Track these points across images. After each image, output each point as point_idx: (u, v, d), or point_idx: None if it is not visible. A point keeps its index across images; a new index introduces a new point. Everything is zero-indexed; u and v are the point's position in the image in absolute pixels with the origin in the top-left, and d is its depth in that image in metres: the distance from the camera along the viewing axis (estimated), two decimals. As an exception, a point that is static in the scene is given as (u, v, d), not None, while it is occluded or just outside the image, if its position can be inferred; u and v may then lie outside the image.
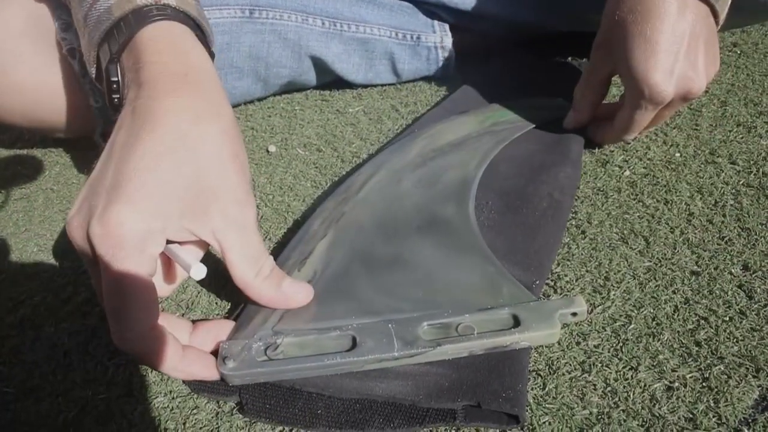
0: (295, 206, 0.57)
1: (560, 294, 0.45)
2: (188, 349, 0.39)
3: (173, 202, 0.37)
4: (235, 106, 0.76)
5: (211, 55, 0.47)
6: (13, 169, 0.72)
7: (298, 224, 0.54)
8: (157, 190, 0.36)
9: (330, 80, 0.78)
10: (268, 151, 0.67)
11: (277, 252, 0.51)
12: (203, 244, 0.41)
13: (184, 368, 0.38)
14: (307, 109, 0.75)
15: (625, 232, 0.50)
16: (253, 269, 0.40)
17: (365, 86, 0.78)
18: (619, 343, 0.41)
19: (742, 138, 0.60)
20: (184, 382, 0.41)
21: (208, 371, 0.39)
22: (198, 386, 0.40)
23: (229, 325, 0.42)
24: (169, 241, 0.38)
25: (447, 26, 0.78)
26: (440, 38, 0.77)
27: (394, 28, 0.76)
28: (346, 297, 0.43)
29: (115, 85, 0.44)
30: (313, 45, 0.73)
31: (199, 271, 0.38)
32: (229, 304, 0.47)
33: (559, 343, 0.41)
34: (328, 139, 0.68)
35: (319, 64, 0.75)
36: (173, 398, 0.40)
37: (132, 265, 0.35)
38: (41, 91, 0.61)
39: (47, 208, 0.63)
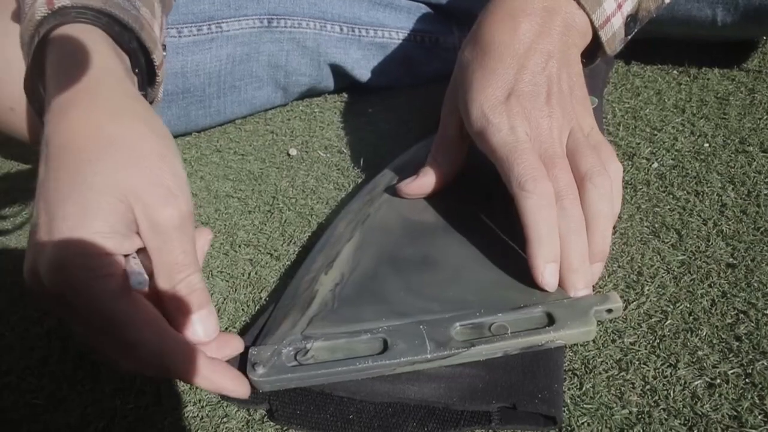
0: (319, 209, 0.57)
1: (593, 291, 0.44)
2: (216, 360, 0.38)
3: (98, 223, 0.35)
4: (255, 113, 0.76)
5: (130, 47, 0.44)
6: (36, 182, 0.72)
7: (323, 227, 0.54)
8: (79, 220, 0.34)
9: (348, 84, 0.77)
10: (289, 155, 0.66)
11: (302, 256, 0.50)
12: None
13: (215, 379, 0.36)
14: (327, 111, 0.75)
15: (657, 225, 0.48)
16: (167, 281, 0.37)
17: (384, 88, 0.78)
18: (656, 339, 0.40)
19: (773, 127, 0.58)
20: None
21: (239, 386, 0.37)
22: (227, 393, 0.39)
23: (236, 340, 0.40)
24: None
25: (465, 29, 0.77)
26: (458, 40, 0.77)
27: (412, 32, 0.76)
28: (375, 299, 0.42)
29: (39, 106, 0.43)
30: (332, 52, 0.73)
31: (140, 283, 0.35)
32: (257, 307, 0.47)
33: (594, 341, 0.40)
34: (348, 141, 0.67)
35: (338, 71, 0.75)
36: (203, 407, 0.40)
37: (94, 298, 0.34)
38: None
39: (72, 221, 0.63)
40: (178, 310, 0.37)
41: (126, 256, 0.36)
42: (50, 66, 0.40)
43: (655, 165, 0.55)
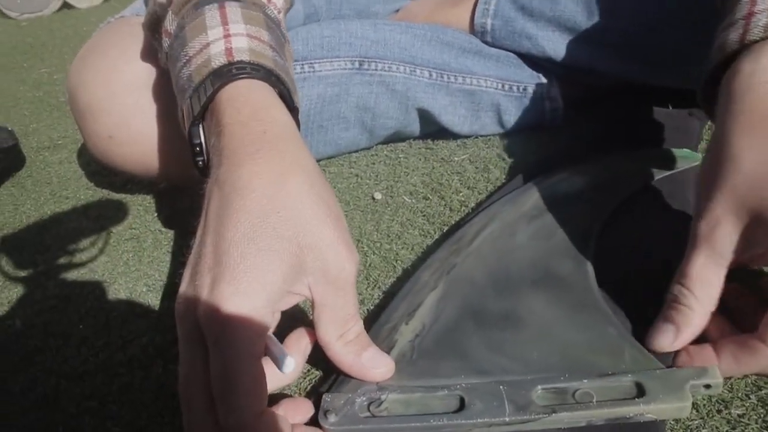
0: (404, 255, 0.56)
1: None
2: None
3: (275, 270, 0.36)
4: (339, 154, 0.77)
5: (292, 108, 0.46)
6: (124, 209, 0.75)
7: (408, 273, 0.53)
8: (258, 260, 0.36)
9: (434, 130, 0.77)
10: (373, 198, 0.66)
11: (385, 302, 0.49)
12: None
13: None
14: (411, 156, 0.74)
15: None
16: (337, 331, 0.39)
17: (470, 136, 0.77)
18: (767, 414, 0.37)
19: None
20: None
21: None
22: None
23: (306, 405, 0.40)
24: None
25: (554, 78, 0.76)
26: (547, 89, 0.76)
27: (501, 80, 0.75)
28: (455, 354, 0.41)
29: (198, 148, 0.45)
30: (421, 97, 0.73)
31: (289, 364, 0.36)
32: (319, 372, 0.46)
33: (697, 410, 0.37)
34: (434, 187, 0.67)
35: (424, 116, 0.75)
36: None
37: (241, 345, 0.35)
38: (157, 142, 0.63)
39: (156, 249, 0.65)
40: (348, 354, 0.39)
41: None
42: (224, 114, 0.42)
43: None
